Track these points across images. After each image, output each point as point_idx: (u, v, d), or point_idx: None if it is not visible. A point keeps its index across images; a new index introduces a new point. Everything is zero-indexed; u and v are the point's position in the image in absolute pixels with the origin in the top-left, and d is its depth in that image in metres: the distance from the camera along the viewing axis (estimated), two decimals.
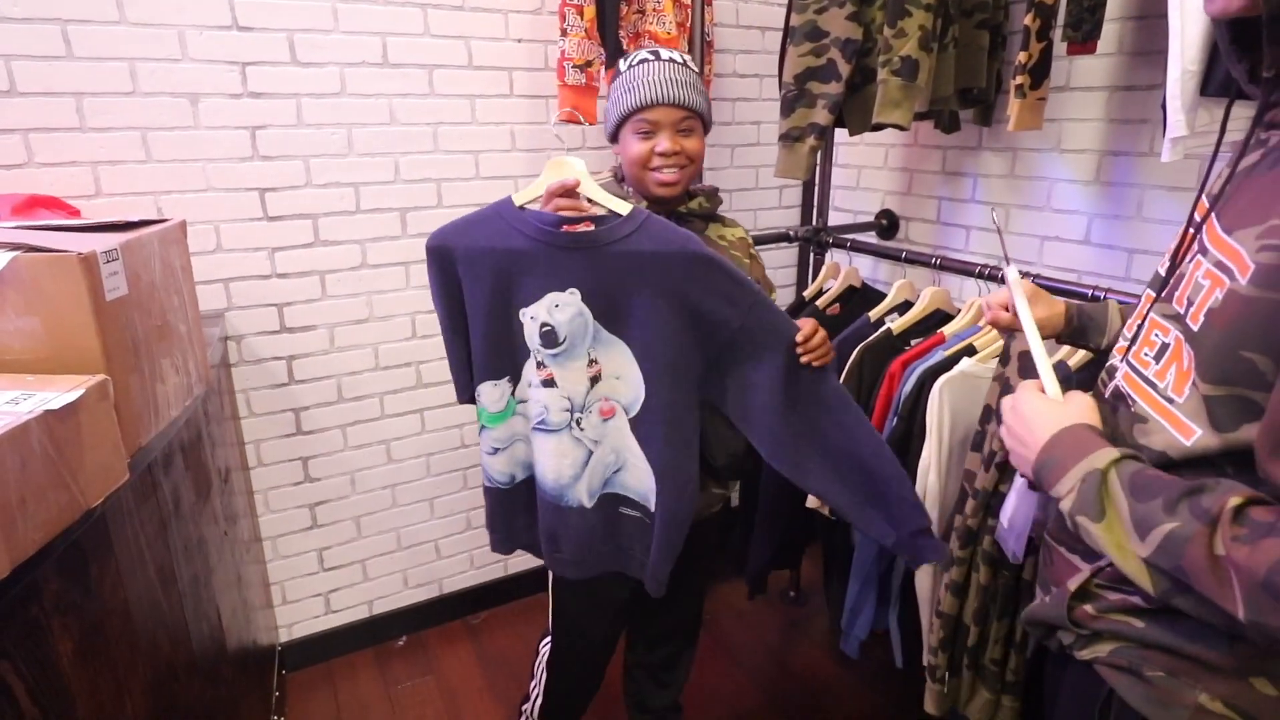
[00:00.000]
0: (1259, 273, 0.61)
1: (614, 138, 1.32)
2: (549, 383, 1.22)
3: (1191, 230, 0.75)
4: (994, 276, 1.64)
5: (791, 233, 2.22)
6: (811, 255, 2.32)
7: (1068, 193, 1.79)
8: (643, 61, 1.25)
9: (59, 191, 1.49)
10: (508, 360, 1.23)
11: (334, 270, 1.82)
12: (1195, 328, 0.68)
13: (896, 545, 1.23)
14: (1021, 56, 1.40)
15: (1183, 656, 0.70)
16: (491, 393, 1.25)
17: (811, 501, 1.75)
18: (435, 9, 1.77)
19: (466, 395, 1.29)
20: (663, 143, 1.24)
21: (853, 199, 2.41)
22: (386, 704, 1.95)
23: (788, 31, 1.69)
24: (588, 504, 1.28)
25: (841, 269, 1.97)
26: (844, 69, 1.62)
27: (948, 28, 1.57)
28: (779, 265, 2.53)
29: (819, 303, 1.95)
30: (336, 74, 1.70)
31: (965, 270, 1.70)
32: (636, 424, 1.24)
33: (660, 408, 1.21)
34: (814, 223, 2.26)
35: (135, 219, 1.12)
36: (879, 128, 1.68)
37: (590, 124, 1.89)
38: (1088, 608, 0.79)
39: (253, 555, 1.81)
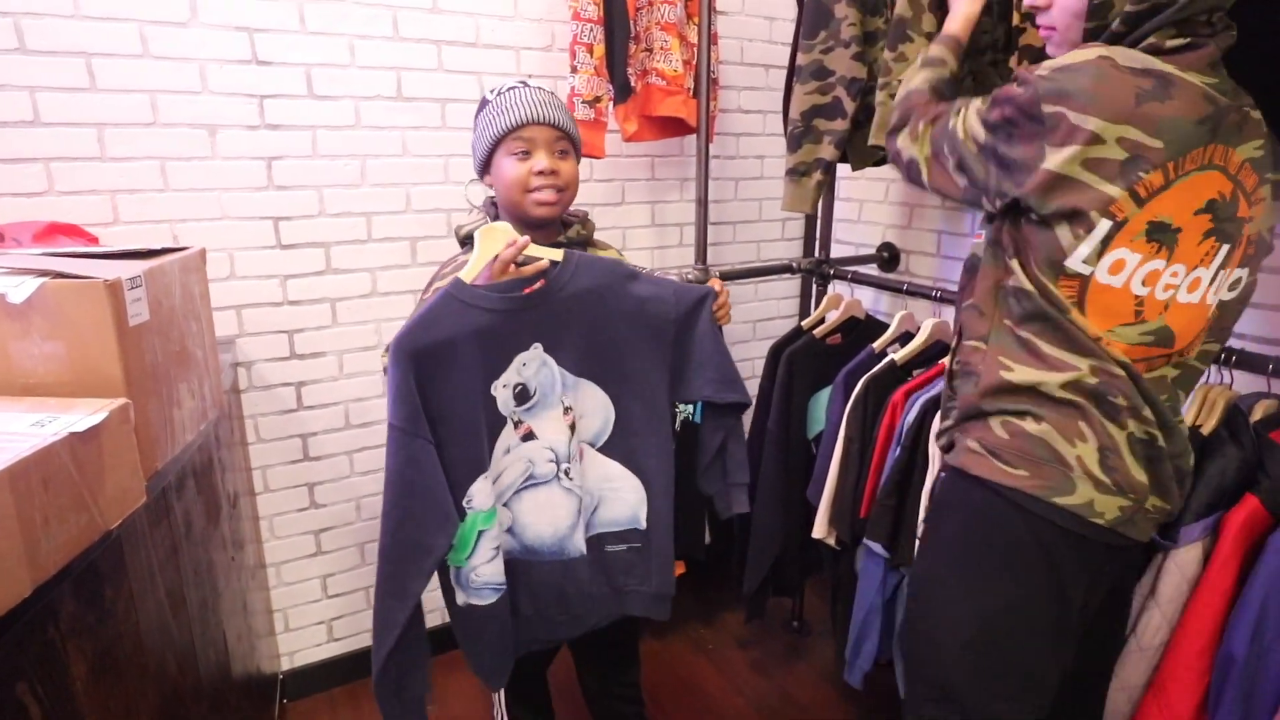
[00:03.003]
0: None
1: (485, 167, 1.29)
2: (528, 436, 1.23)
3: None
4: None
5: (794, 264, 2.26)
6: (814, 287, 2.35)
7: None
8: (512, 89, 1.25)
9: (78, 219, 1.52)
10: (488, 446, 1.20)
11: (344, 298, 1.85)
12: None
13: (719, 492, 1.37)
14: None
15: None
16: (484, 487, 1.19)
17: (817, 531, 1.76)
18: (449, 45, 1.81)
19: (451, 531, 1.16)
20: (540, 161, 1.23)
21: (854, 232, 2.45)
22: None
23: (795, 70, 1.74)
24: (584, 550, 1.29)
25: (843, 300, 2.00)
26: (849, 106, 1.66)
27: (962, 64, 1.60)
28: (782, 296, 2.57)
29: (816, 332, 1.97)
30: (351, 107, 1.75)
31: None
32: (611, 448, 1.29)
33: (633, 421, 1.27)
34: (816, 255, 2.29)
35: (157, 247, 1.14)
36: (879, 160, 1.71)
37: (599, 158, 1.93)
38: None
39: (257, 582, 1.81)
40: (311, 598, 2.00)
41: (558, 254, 1.18)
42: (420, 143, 1.84)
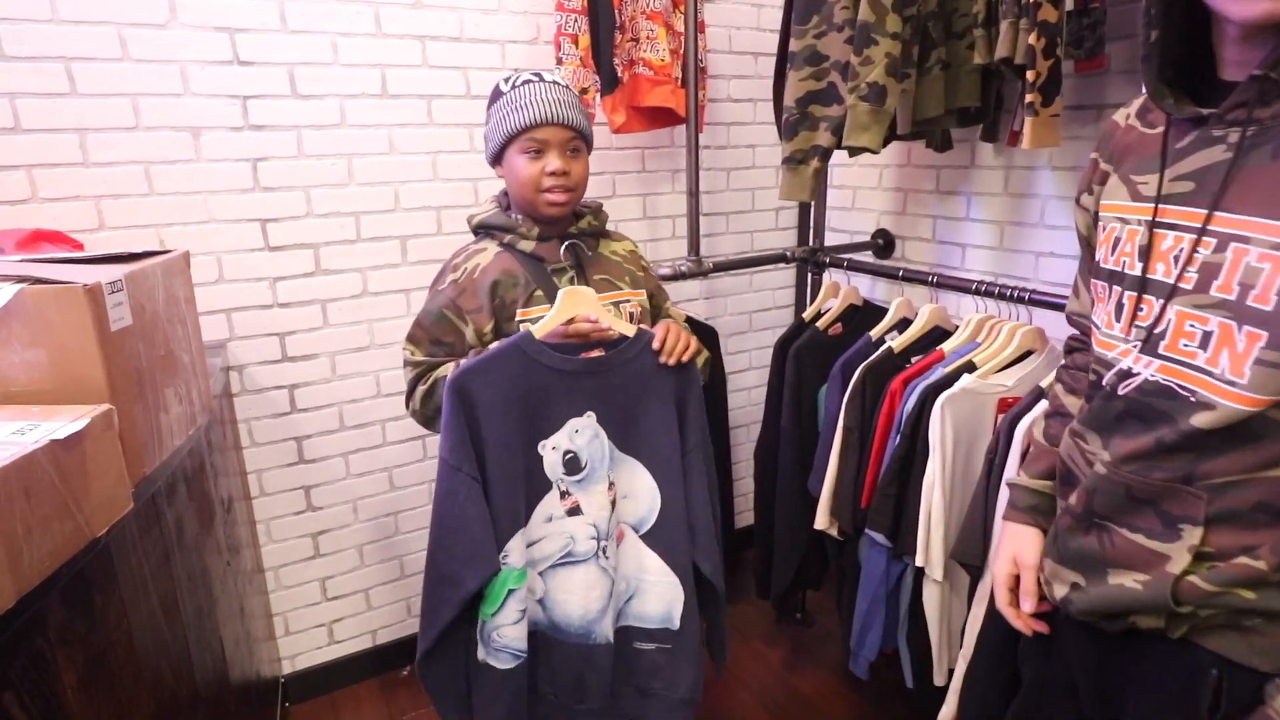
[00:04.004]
0: None
1: (497, 160, 1.30)
2: (574, 511, 1.23)
3: (1171, 227, 0.81)
4: (990, 293, 1.65)
5: (789, 253, 2.24)
6: (809, 276, 2.34)
7: (1061, 209, 1.81)
8: (527, 82, 1.24)
9: (62, 226, 1.50)
10: (525, 504, 1.21)
11: (335, 299, 1.83)
12: (1269, 307, 0.72)
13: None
14: (1030, 75, 1.42)
15: None
16: (519, 545, 1.20)
17: (819, 522, 1.74)
18: (433, 40, 1.80)
19: (481, 570, 1.17)
20: (553, 162, 1.23)
21: (849, 219, 2.43)
22: None
23: (788, 56, 1.71)
24: (611, 639, 1.28)
25: (841, 289, 1.98)
26: (844, 92, 1.64)
27: (930, 51, 1.59)
28: (777, 286, 2.55)
29: (819, 324, 1.95)
30: (336, 106, 1.73)
31: (962, 287, 1.71)
32: (653, 537, 1.29)
33: (677, 512, 1.28)
34: (811, 243, 2.28)
35: (139, 250, 1.13)
36: (853, 151, 1.70)
37: None
38: (1198, 582, 0.79)
39: (255, 586, 1.80)
40: (311, 601, 1.99)
41: (630, 329, 1.22)
42: (407, 140, 1.82)
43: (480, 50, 1.86)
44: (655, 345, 1.23)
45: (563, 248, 1.31)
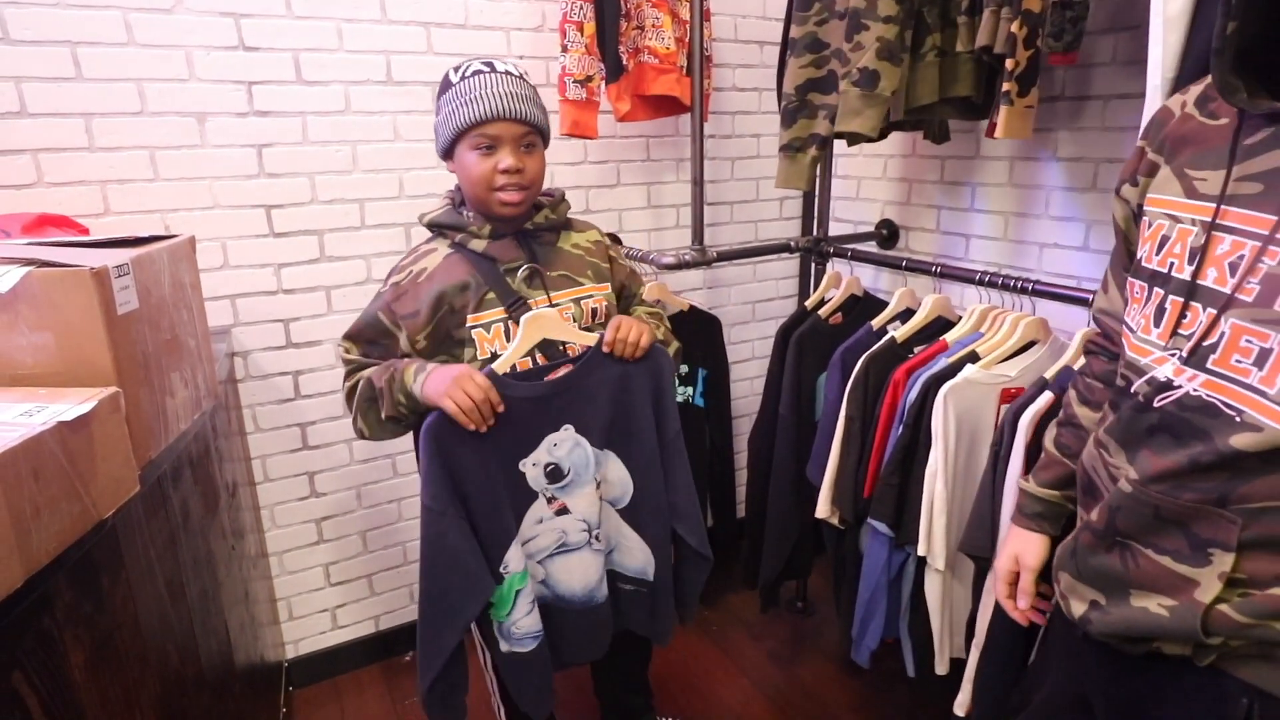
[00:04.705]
0: None
1: (448, 155, 1.25)
2: (562, 511, 1.27)
3: (1230, 230, 0.74)
4: (994, 283, 1.64)
5: (793, 243, 2.23)
6: (813, 266, 2.33)
7: (1065, 200, 1.80)
8: (477, 73, 1.19)
9: (68, 210, 1.51)
10: (514, 518, 1.25)
11: (339, 285, 1.84)
12: None
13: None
14: (1009, 64, 1.41)
15: None
16: (516, 553, 1.25)
17: (820, 511, 1.75)
18: (438, 28, 1.79)
19: (482, 597, 1.21)
20: (506, 159, 1.18)
21: (853, 209, 2.42)
22: None
23: (788, 43, 1.71)
24: (606, 591, 1.36)
25: (843, 279, 1.98)
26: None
27: (925, 37, 1.57)
28: (781, 276, 2.55)
29: (821, 312, 1.95)
30: (341, 92, 1.73)
31: (966, 278, 1.71)
32: (629, 514, 1.35)
33: (648, 497, 1.33)
34: (815, 233, 2.28)
35: (145, 235, 1.13)
36: (852, 139, 1.69)
37: (592, 139, 1.90)
38: (1229, 612, 0.76)
39: (259, 571, 1.81)
40: (314, 586, 2.01)
41: (592, 339, 1.23)
42: (411, 127, 1.82)
43: (485, 37, 1.85)
44: (605, 348, 1.22)
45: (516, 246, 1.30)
